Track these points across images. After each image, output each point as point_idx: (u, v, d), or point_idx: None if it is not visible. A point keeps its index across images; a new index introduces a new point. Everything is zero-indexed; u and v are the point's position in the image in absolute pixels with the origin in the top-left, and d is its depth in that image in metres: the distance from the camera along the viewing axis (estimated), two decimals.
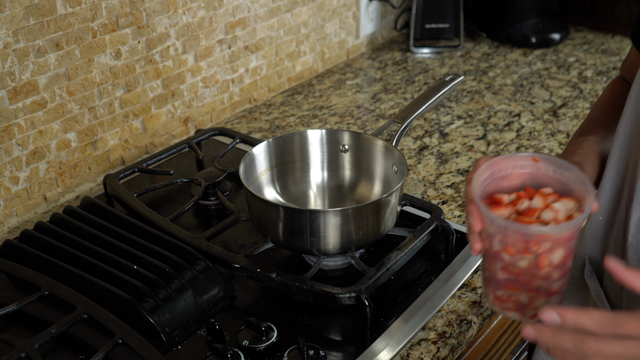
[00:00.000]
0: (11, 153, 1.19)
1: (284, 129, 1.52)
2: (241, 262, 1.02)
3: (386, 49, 1.93)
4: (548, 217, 0.74)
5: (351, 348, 0.94)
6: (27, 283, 0.98)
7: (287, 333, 0.95)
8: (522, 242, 0.72)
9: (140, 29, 1.32)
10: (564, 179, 0.77)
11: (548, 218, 0.74)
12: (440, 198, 1.27)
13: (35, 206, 1.25)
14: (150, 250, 1.04)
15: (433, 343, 0.96)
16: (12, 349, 0.86)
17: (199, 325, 0.97)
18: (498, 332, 1.17)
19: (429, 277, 1.06)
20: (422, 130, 1.50)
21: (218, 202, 1.22)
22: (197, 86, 1.48)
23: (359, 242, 1.01)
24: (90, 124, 1.30)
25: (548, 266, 0.72)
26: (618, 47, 1.90)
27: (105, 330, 0.91)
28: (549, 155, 0.79)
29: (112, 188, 1.21)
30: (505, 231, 0.72)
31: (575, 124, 1.52)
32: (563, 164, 0.77)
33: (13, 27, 1.12)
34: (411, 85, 1.72)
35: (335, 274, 1.06)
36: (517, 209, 0.76)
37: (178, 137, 1.48)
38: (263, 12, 1.56)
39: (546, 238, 0.71)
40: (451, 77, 1.22)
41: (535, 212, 0.75)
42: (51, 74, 1.20)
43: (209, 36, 1.46)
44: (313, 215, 0.98)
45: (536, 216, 0.74)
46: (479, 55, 1.88)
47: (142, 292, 0.96)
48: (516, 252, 0.72)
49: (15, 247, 1.06)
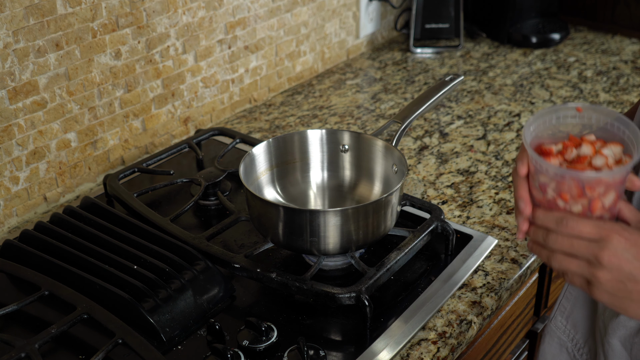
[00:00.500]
0: (11, 153, 1.19)
1: (284, 129, 1.52)
2: (241, 262, 1.02)
3: (386, 49, 1.93)
4: (599, 163, 0.77)
5: (351, 348, 0.94)
6: (27, 283, 0.98)
7: (287, 333, 0.95)
8: (577, 188, 0.75)
9: (140, 29, 1.32)
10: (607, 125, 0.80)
11: (600, 164, 0.77)
12: (440, 198, 1.27)
13: (35, 206, 1.25)
14: (150, 250, 1.04)
15: (433, 343, 0.96)
16: (12, 349, 0.86)
17: (199, 325, 0.97)
18: (498, 332, 1.17)
19: (429, 277, 1.06)
20: (422, 130, 1.50)
21: (218, 202, 1.22)
22: (197, 86, 1.48)
23: (359, 242, 1.01)
24: (90, 124, 1.30)
25: (601, 209, 0.76)
26: (618, 47, 1.90)
27: (105, 330, 0.91)
28: (590, 104, 0.81)
29: (112, 188, 1.21)
30: (561, 179, 0.75)
31: None
32: (604, 110, 0.80)
33: (13, 27, 1.12)
34: (411, 85, 1.72)
35: (335, 274, 1.06)
36: (566, 158, 0.79)
37: (178, 137, 1.48)
38: (263, 12, 1.56)
39: (601, 183, 0.75)
40: (451, 77, 1.23)
41: (585, 159, 0.78)
42: (51, 74, 1.20)
43: (209, 36, 1.46)
44: (313, 215, 0.98)
45: (587, 162, 0.78)
46: (479, 55, 1.88)
47: (142, 292, 0.96)
48: (571, 198, 0.76)
49: (15, 247, 1.06)
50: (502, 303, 1.07)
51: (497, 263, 1.10)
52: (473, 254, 1.10)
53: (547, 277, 1.28)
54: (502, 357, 1.23)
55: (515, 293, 1.17)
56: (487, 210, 1.23)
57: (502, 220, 1.20)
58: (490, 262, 1.10)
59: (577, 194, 0.75)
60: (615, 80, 1.71)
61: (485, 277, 1.07)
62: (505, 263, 1.10)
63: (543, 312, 1.34)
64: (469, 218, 1.21)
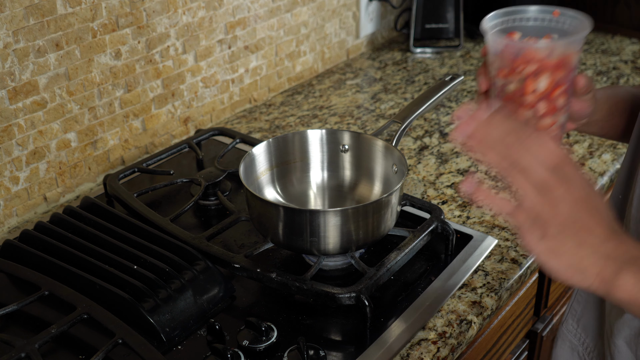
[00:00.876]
0: (11, 153, 1.19)
1: (284, 129, 1.52)
2: (241, 262, 1.02)
3: (386, 49, 1.93)
4: (542, 44, 0.77)
5: (351, 348, 0.94)
6: (27, 283, 0.98)
7: (287, 333, 0.95)
8: (510, 62, 0.76)
9: (140, 29, 1.32)
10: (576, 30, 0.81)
11: (542, 45, 0.77)
12: (440, 198, 1.27)
13: (35, 206, 1.25)
14: (150, 250, 1.04)
15: (433, 343, 0.96)
16: (12, 349, 0.86)
17: (199, 325, 0.97)
18: (498, 332, 1.17)
19: (429, 277, 1.06)
20: (422, 130, 1.50)
21: (218, 202, 1.22)
22: (197, 86, 1.48)
23: (359, 242, 1.01)
24: (90, 124, 1.30)
25: (532, 93, 0.76)
26: (618, 47, 1.90)
27: (105, 330, 0.91)
28: (567, 10, 0.82)
29: (112, 188, 1.21)
30: (499, 51, 0.77)
31: None
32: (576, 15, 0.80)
33: (13, 27, 1.12)
34: (411, 85, 1.72)
35: (335, 274, 1.06)
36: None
37: (178, 137, 1.48)
38: (263, 12, 1.56)
39: (530, 56, 0.75)
40: (451, 77, 1.23)
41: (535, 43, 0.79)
42: (51, 74, 1.20)
43: (209, 36, 1.46)
44: (313, 215, 0.98)
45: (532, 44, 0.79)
46: (479, 55, 1.88)
47: (142, 292, 0.96)
48: (506, 75, 0.77)
49: (15, 247, 1.06)
50: (502, 303, 1.07)
51: (497, 263, 1.10)
52: (473, 254, 1.10)
53: (547, 277, 1.28)
54: (502, 357, 1.23)
55: (515, 293, 1.17)
56: (487, 210, 1.23)
57: (502, 220, 1.20)
58: (490, 262, 1.10)
59: (510, 69, 0.76)
60: (615, 80, 1.71)
61: (485, 277, 1.07)
62: (505, 263, 1.10)
63: (543, 312, 1.34)
64: (469, 218, 1.21)
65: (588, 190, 0.64)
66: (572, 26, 0.81)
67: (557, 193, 0.63)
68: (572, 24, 0.81)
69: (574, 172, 0.64)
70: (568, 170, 0.64)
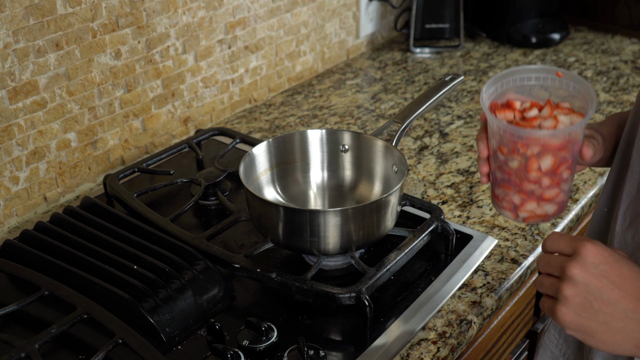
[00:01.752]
0: (11, 153, 1.19)
1: (284, 129, 1.52)
2: (241, 262, 1.02)
3: (386, 49, 1.93)
4: (547, 125, 0.78)
5: (351, 348, 0.94)
6: (27, 283, 0.98)
7: (287, 333, 0.95)
8: (512, 143, 0.77)
9: (140, 29, 1.32)
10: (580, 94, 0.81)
11: (547, 126, 0.78)
12: (440, 198, 1.27)
13: (35, 206, 1.25)
14: (150, 250, 1.04)
15: (433, 343, 0.96)
16: (12, 349, 0.86)
17: (199, 325, 0.97)
18: (498, 332, 1.17)
19: (429, 277, 1.06)
20: (422, 130, 1.50)
21: (218, 202, 1.22)
22: (197, 86, 1.48)
23: (359, 242, 1.01)
24: (90, 124, 1.30)
25: (537, 171, 0.78)
26: (618, 47, 1.90)
27: (105, 330, 0.91)
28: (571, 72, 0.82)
29: (112, 188, 1.21)
30: (499, 130, 0.78)
31: None
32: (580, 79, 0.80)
33: (13, 27, 1.12)
34: (411, 85, 1.72)
35: (335, 274, 1.06)
36: (524, 116, 0.80)
37: (178, 137, 1.48)
38: (263, 12, 1.56)
39: (532, 141, 0.76)
40: (451, 77, 1.22)
41: (536, 120, 0.79)
42: (51, 74, 1.20)
43: (209, 36, 1.46)
44: (313, 215, 0.98)
45: (537, 123, 0.79)
46: (479, 55, 1.88)
47: (142, 292, 0.96)
48: (508, 152, 0.78)
49: (15, 247, 1.06)
50: (502, 303, 1.07)
51: (497, 263, 1.10)
52: (473, 254, 1.10)
53: None
54: (502, 357, 1.23)
55: (515, 293, 1.17)
56: (487, 210, 1.23)
57: (502, 220, 1.20)
58: (490, 262, 1.10)
59: (512, 148, 0.77)
60: (615, 80, 1.71)
61: (485, 277, 1.07)
62: (505, 263, 1.10)
63: (543, 312, 1.34)
64: (469, 218, 1.21)
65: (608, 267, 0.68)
66: (577, 90, 0.80)
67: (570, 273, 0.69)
68: (575, 87, 0.80)
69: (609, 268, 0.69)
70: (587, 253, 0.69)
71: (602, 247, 0.69)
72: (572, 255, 0.70)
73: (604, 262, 0.68)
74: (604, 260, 0.68)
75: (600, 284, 0.67)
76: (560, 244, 0.71)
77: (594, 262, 0.68)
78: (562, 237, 0.72)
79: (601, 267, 0.68)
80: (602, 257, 0.68)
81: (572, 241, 0.70)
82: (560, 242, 0.72)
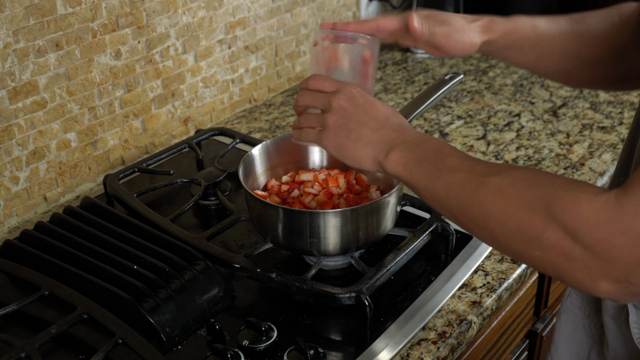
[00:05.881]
0: (11, 153, 1.19)
1: (284, 129, 1.52)
2: (241, 262, 1.02)
3: (386, 49, 1.93)
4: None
5: (351, 348, 0.94)
6: (27, 283, 0.98)
7: (287, 333, 0.95)
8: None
9: (140, 29, 1.32)
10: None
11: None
12: None
13: (35, 206, 1.25)
14: (150, 250, 1.04)
15: (433, 343, 0.96)
16: (12, 349, 0.86)
17: (199, 325, 0.97)
18: (498, 332, 1.17)
19: (429, 277, 1.06)
20: (422, 130, 1.50)
21: (218, 202, 1.22)
22: (197, 86, 1.48)
23: (359, 243, 1.01)
24: (90, 124, 1.30)
25: None
26: None
27: (105, 330, 0.91)
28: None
29: (112, 188, 1.21)
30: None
31: (575, 124, 1.52)
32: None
33: (13, 27, 1.12)
34: (411, 85, 1.72)
35: (335, 274, 1.06)
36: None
37: (178, 137, 1.48)
38: (263, 12, 1.56)
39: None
40: (451, 76, 1.22)
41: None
42: (51, 74, 1.20)
43: (209, 36, 1.46)
44: (313, 216, 0.98)
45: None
46: (479, 55, 1.88)
47: (142, 292, 0.96)
48: None
49: (15, 247, 1.06)
50: (502, 303, 1.07)
51: (497, 263, 1.10)
52: (473, 254, 1.10)
53: (547, 277, 1.28)
54: (502, 357, 1.23)
55: (515, 293, 1.17)
56: None
57: None
58: (490, 262, 1.10)
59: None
60: None
61: (485, 277, 1.07)
62: (505, 263, 1.10)
63: (543, 312, 1.34)
64: None
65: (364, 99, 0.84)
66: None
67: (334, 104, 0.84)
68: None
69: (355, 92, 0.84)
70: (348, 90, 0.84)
71: (360, 88, 0.86)
72: (335, 91, 0.85)
73: (361, 96, 0.84)
74: (361, 95, 0.84)
75: (354, 109, 0.83)
76: (326, 84, 0.86)
77: (354, 95, 0.84)
78: (327, 78, 0.87)
79: (358, 99, 0.84)
80: (360, 93, 0.84)
81: (336, 82, 0.86)
82: (325, 82, 0.86)
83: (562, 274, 0.65)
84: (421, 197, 0.78)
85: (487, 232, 0.70)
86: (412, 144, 0.79)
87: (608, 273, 0.62)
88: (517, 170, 0.70)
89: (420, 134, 0.81)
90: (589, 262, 0.62)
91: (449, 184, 0.74)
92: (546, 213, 0.64)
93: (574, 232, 0.62)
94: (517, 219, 0.66)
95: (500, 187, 0.69)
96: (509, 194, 0.68)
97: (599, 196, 0.62)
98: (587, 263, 0.62)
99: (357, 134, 0.82)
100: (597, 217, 0.61)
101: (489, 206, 0.69)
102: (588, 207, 0.62)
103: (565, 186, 0.65)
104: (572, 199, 0.63)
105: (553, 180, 0.66)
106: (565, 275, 0.65)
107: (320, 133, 0.85)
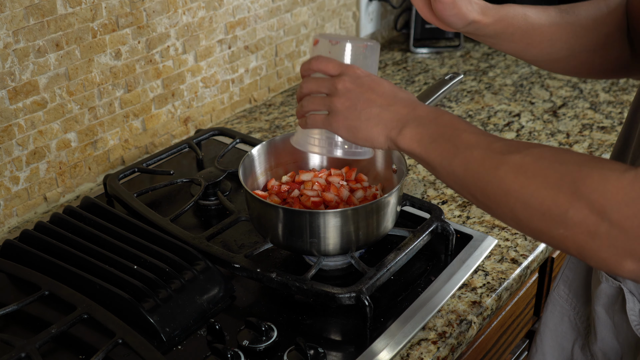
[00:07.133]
0: (11, 153, 1.19)
1: (284, 129, 1.52)
2: (241, 262, 1.02)
3: (386, 49, 1.93)
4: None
5: (351, 348, 0.94)
6: (27, 283, 0.98)
7: (287, 333, 0.95)
8: None
9: (140, 29, 1.32)
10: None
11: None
12: (440, 198, 1.27)
13: (35, 206, 1.25)
14: (150, 250, 1.04)
15: (433, 343, 0.96)
16: (12, 349, 0.86)
17: (199, 325, 0.97)
18: (498, 332, 1.17)
19: (429, 277, 1.06)
20: None
21: (218, 202, 1.22)
22: (197, 86, 1.48)
23: (359, 243, 1.01)
24: (90, 124, 1.30)
25: None
26: None
27: (105, 330, 0.91)
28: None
29: (112, 188, 1.21)
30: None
31: (575, 124, 1.52)
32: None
33: (13, 27, 1.12)
34: (411, 85, 1.72)
35: (335, 274, 1.06)
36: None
37: (178, 137, 1.48)
38: (263, 12, 1.56)
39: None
40: (450, 76, 1.22)
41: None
42: (51, 74, 1.20)
43: (209, 36, 1.46)
44: (313, 216, 0.98)
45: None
46: (479, 55, 1.88)
47: (142, 292, 0.96)
48: None
49: (15, 247, 1.06)
50: (502, 303, 1.07)
51: (497, 263, 1.10)
52: (473, 254, 1.10)
53: (547, 277, 1.28)
54: (502, 357, 1.23)
55: (515, 293, 1.17)
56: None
57: None
58: (490, 262, 1.10)
59: None
60: (615, 80, 1.71)
61: (485, 277, 1.07)
62: (505, 263, 1.10)
63: (543, 312, 1.34)
64: (469, 218, 1.21)
65: (369, 79, 0.82)
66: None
67: (340, 86, 0.82)
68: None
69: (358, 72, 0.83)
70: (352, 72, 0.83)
71: (363, 69, 0.84)
72: (339, 74, 0.83)
73: (366, 75, 0.83)
74: (365, 75, 0.83)
75: (361, 89, 0.82)
76: (329, 66, 0.85)
77: (359, 75, 0.83)
78: (330, 59, 0.85)
79: (363, 79, 0.82)
80: (364, 73, 0.83)
81: (339, 64, 0.84)
82: (328, 64, 0.85)
83: (586, 253, 0.64)
84: (436, 175, 0.77)
85: (507, 210, 0.69)
86: (425, 120, 0.78)
87: (634, 251, 0.61)
88: (538, 147, 0.69)
89: (432, 109, 0.79)
90: (615, 240, 0.61)
91: (466, 162, 0.72)
92: (571, 190, 0.63)
93: (601, 209, 0.61)
94: (540, 196, 0.65)
95: (521, 164, 0.67)
96: (532, 171, 0.66)
97: (626, 173, 0.61)
98: (613, 241, 0.61)
99: (367, 113, 0.81)
100: (625, 194, 0.60)
101: (510, 184, 0.68)
102: (616, 184, 0.61)
103: (590, 163, 0.64)
104: (599, 176, 0.62)
105: (577, 158, 0.65)
106: (589, 254, 0.64)
107: (329, 117, 0.84)
